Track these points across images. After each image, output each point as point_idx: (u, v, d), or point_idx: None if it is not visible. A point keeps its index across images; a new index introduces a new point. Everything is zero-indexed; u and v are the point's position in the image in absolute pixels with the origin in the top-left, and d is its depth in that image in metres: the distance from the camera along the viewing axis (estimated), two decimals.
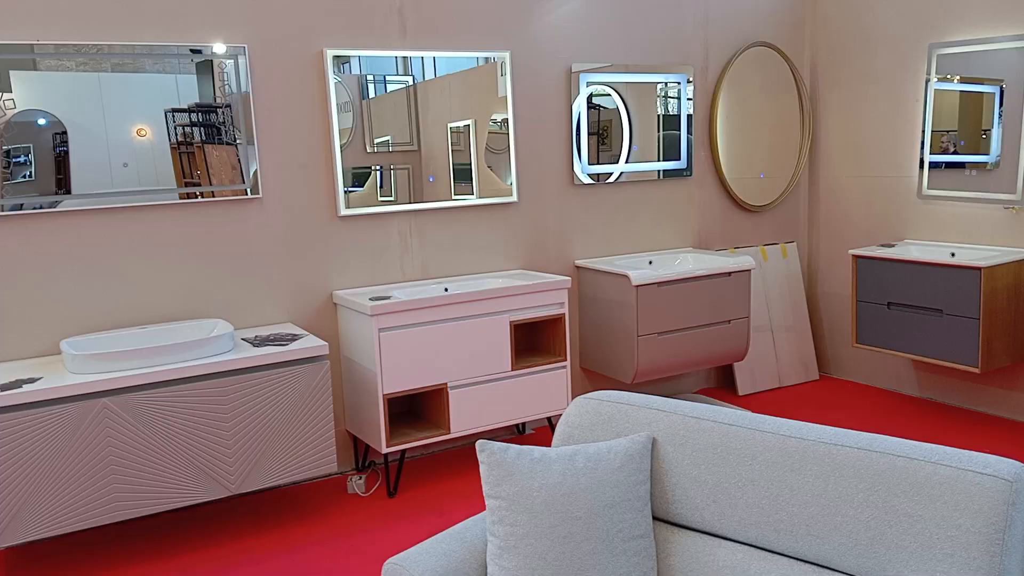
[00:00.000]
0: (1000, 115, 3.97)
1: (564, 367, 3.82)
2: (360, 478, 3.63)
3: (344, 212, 3.65)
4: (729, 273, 4.15)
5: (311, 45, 3.54)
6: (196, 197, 3.35)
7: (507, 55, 3.95)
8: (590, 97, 4.23)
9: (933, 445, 1.58)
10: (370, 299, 3.43)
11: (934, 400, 4.47)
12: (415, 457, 3.96)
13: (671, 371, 4.10)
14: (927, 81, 4.26)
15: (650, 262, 4.36)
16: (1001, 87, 3.96)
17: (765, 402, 4.58)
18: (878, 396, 4.60)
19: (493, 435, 4.16)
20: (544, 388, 3.78)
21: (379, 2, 3.66)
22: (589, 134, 4.24)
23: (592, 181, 4.28)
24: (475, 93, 3.92)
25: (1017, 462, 1.50)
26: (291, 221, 3.58)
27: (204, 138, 3.35)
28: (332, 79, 3.56)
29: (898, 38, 4.41)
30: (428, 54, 3.76)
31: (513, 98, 4.01)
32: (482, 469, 1.74)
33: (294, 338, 3.27)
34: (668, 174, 4.51)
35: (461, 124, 3.91)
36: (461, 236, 3.97)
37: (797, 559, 1.64)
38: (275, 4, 3.45)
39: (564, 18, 4.12)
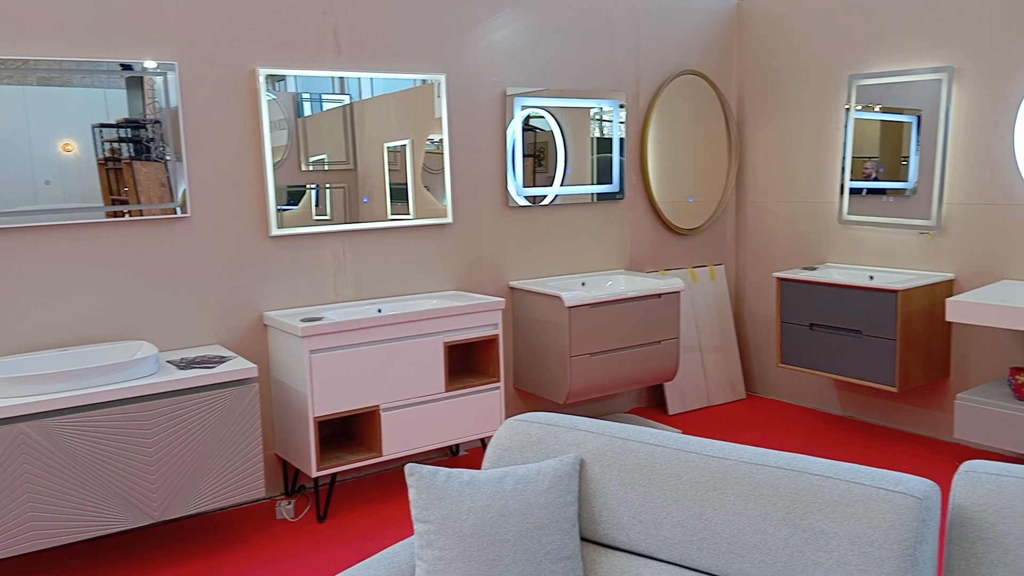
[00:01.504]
0: (918, 144, 4.16)
1: (498, 388, 3.83)
2: (289, 503, 3.57)
3: (276, 232, 3.61)
4: (659, 295, 4.23)
5: (243, 63, 3.51)
6: (124, 215, 3.27)
7: (443, 77, 3.97)
8: (527, 119, 4.29)
9: (848, 464, 1.64)
10: (301, 320, 3.39)
11: (855, 418, 4.62)
12: (346, 480, 3.91)
13: (603, 391, 4.15)
14: (847, 110, 4.44)
15: (583, 284, 4.42)
16: (919, 116, 4.15)
17: (694, 421, 4.66)
18: (802, 415, 4.74)
19: (426, 457, 4.14)
20: (478, 409, 3.78)
21: (313, 21, 3.65)
22: (525, 156, 4.29)
23: (528, 203, 4.33)
24: (412, 113, 3.94)
25: (927, 480, 1.57)
26: (221, 241, 3.52)
27: (133, 154, 3.28)
28: (264, 97, 3.53)
29: (820, 69, 4.59)
30: (363, 75, 3.76)
31: (448, 120, 4.03)
32: (411, 493, 1.73)
33: (222, 360, 3.21)
34: (602, 197, 4.59)
35: (398, 144, 3.92)
36: (396, 257, 3.96)
37: None
38: (207, 22, 3.41)
39: (499, 42, 4.17)
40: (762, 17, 4.88)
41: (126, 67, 3.24)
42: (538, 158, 4.35)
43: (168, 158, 3.34)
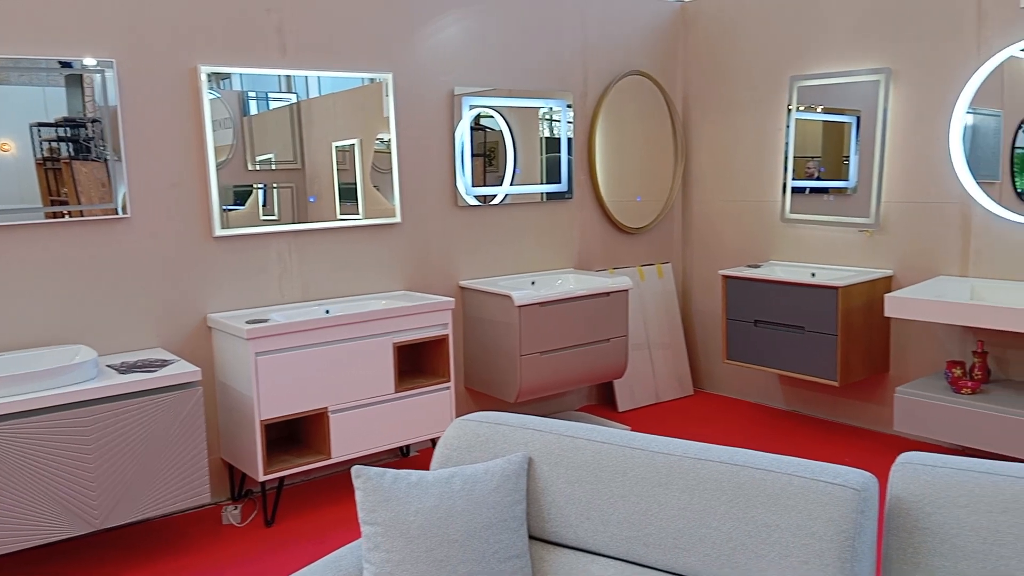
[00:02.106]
0: (857, 144, 4.26)
1: (448, 388, 3.82)
2: (236, 508, 3.51)
3: (219, 232, 3.54)
4: (608, 293, 4.26)
5: (184, 61, 3.44)
6: (63, 216, 3.18)
7: (390, 76, 3.95)
8: (478, 119, 4.29)
9: (789, 457, 1.67)
10: (246, 322, 3.34)
11: (799, 412, 4.72)
12: (295, 484, 3.86)
13: (553, 389, 4.17)
14: (789, 111, 4.53)
15: (533, 283, 4.43)
16: (858, 117, 4.25)
17: (643, 418, 4.71)
18: (748, 409, 4.82)
19: (377, 458, 4.11)
20: (428, 409, 3.77)
21: (257, 19, 3.59)
22: (476, 156, 4.29)
23: (478, 203, 4.33)
24: (361, 112, 3.90)
25: (865, 472, 1.61)
26: (162, 242, 3.44)
27: (72, 154, 3.19)
28: (206, 96, 3.47)
29: (762, 70, 4.68)
30: (308, 73, 3.71)
31: (396, 119, 4.01)
32: (358, 495, 1.72)
33: (164, 364, 3.14)
34: (551, 197, 4.61)
35: (346, 143, 3.88)
36: (344, 257, 3.92)
37: (666, 571, 1.69)
38: (146, 18, 3.34)
39: (446, 42, 4.16)
40: (706, 19, 4.95)
41: (65, 64, 3.15)
42: (489, 157, 4.35)
43: (109, 158, 3.26)
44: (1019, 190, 3.72)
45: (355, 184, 3.92)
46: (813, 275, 4.30)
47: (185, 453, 3.05)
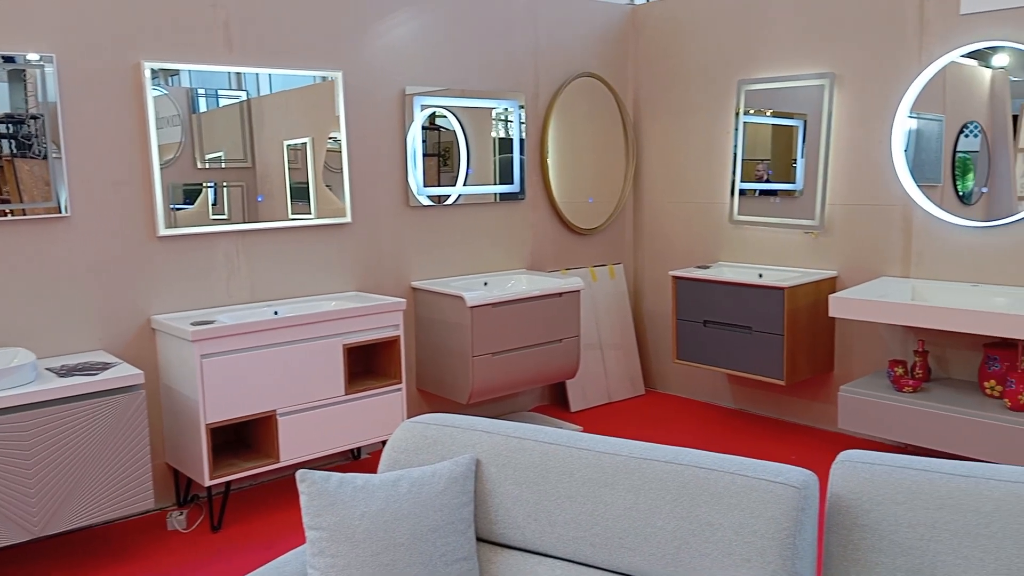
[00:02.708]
0: (803, 147, 4.34)
1: (399, 390, 3.80)
2: (181, 513, 3.44)
3: (164, 232, 3.47)
4: (560, 294, 4.28)
5: (127, 57, 3.36)
6: (5, 215, 3.09)
7: (339, 75, 3.91)
8: (433, 119, 4.27)
9: (732, 456, 1.69)
10: (191, 324, 3.28)
11: (747, 411, 4.79)
12: (243, 488, 3.80)
13: (506, 390, 4.17)
14: (737, 114, 4.59)
15: (485, 283, 4.43)
16: (804, 121, 4.33)
17: (596, 418, 4.74)
18: (698, 408, 4.88)
19: (328, 461, 4.07)
20: (379, 411, 3.74)
21: (203, 15, 3.53)
22: (428, 155, 4.27)
23: (432, 203, 4.31)
24: (313, 110, 3.86)
25: (806, 470, 1.64)
26: (104, 242, 3.36)
27: (14, 151, 3.10)
28: (150, 93, 3.39)
29: (711, 73, 4.74)
30: (254, 70, 3.66)
31: (346, 118, 3.97)
32: (302, 500, 1.70)
33: (105, 367, 3.07)
34: (504, 197, 4.61)
35: (298, 142, 3.83)
36: (293, 257, 3.87)
37: (612, 571, 1.70)
38: (87, 12, 3.26)
39: (398, 41, 4.13)
40: (656, 22, 5.00)
41: (8, 59, 3.06)
42: (443, 157, 4.34)
43: (51, 155, 3.17)
44: (961, 193, 3.83)
45: (307, 183, 3.87)
46: (760, 276, 4.37)
47: (128, 458, 2.99)
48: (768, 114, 4.48)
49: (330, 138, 3.92)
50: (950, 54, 3.76)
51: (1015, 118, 3.64)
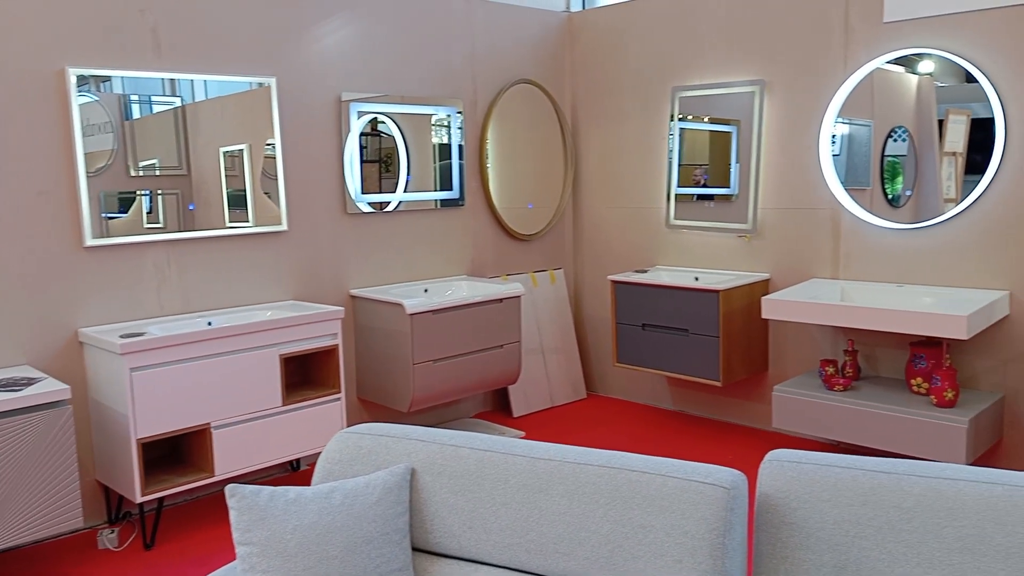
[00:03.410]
0: (737, 152, 4.43)
1: (339, 399, 3.75)
2: (112, 531, 3.35)
3: (91, 242, 3.38)
4: (501, 300, 4.28)
5: (51, 63, 3.26)
6: None
7: (273, 81, 3.86)
8: (375, 124, 4.24)
9: (664, 459, 1.71)
10: (120, 336, 3.19)
11: (685, 412, 4.86)
12: (177, 504, 3.71)
13: (447, 397, 4.15)
14: (672, 120, 4.67)
15: (426, 290, 4.41)
16: (737, 127, 4.42)
17: (538, 422, 4.76)
18: (638, 411, 4.93)
19: (265, 474, 4.00)
20: (318, 421, 3.69)
21: (130, 20, 3.45)
22: (369, 161, 4.24)
23: (372, 210, 4.28)
24: (249, 117, 3.80)
25: (735, 470, 1.67)
26: (28, 253, 3.25)
27: None
28: (76, 99, 3.30)
29: (646, 80, 4.80)
30: (183, 76, 3.58)
31: (281, 125, 3.92)
32: (232, 515, 1.66)
33: (30, 382, 2.96)
34: (444, 204, 4.60)
35: (235, 148, 3.77)
36: (228, 266, 3.80)
37: None
38: (9, 18, 3.15)
39: (333, 47, 4.09)
40: (592, 30, 5.05)
41: None
42: (385, 163, 4.31)
43: None
44: (889, 196, 3.95)
45: (245, 191, 3.81)
46: (696, 279, 4.44)
47: (55, 476, 2.89)
48: (705, 120, 4.56)
49: (268, 144, 3.87)
50: (874, 61, 3.88)
51: (940, 123, 3.76)
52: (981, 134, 3.62)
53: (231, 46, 3.74)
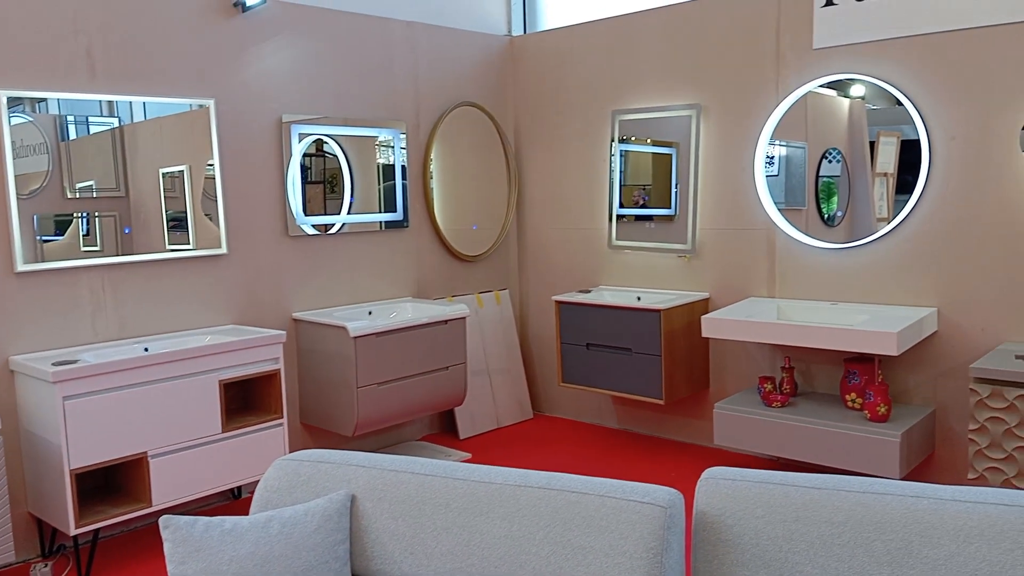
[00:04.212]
0: (676, 174, 4.52)
1: (280, 425, 3.70)
2: (46, 565, 3.24)
3: (22, 267, 3.29)
4: (446, 321, 4.28)
5: None
6: None
7: (212, 102, 3.82)
8: (320, 145, 4.22)
9: (603, 479, 1.73)
10: (53, 364, 3.10)
11: (630, 430, 4.91)
12: (113, 536, 3.61)
13: (392, 420, 4.13)
14: (612, 142, 4.74)
15: (370, 313, 4.39)
16: (676, 149, 4.51)
17: (484, 444, 4.75)
18: (584, 430, 4.96)
19: (205, 503, 3.91)
20: (260, 448, 3.63)
21: (64, 42, 3.38)
22: (314, 183, 4.22)
23: (316, 232, 4.25)
24: (189, 137, 3.75)
25: (673, 489, 1.69)
26: None
27: None
28: (7, 120, 3.22)
29: (586, 104, 4.88)
30: (118, 98, 3.53)
31: (220, 147, 3.88)
32: (166, 547, 1.63)
33: None
34: (389, 225, 4.59)
35: (175, 170, 3.71)
36: (166, 291, 3.73)
37: None
38: None
39: (273, 69, 4.07)
40: (533, 53, 5.12)
41: None
42: (331, 184, 4.29)
43: None
44: (825, 216, 4.06)
45: (185, 213, 3.75)
46: (638, 299, 4.50)
47: None
48: (648, 142, 4.64)
49: (208, 165, 3.82)
50: (805, 86, 4.01)
51: (872, 144, 3.90)
52: (911, 155, 3.76)
53: (167, 68, 3.69)
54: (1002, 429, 3.11)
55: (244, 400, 3.84)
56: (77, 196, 3.43)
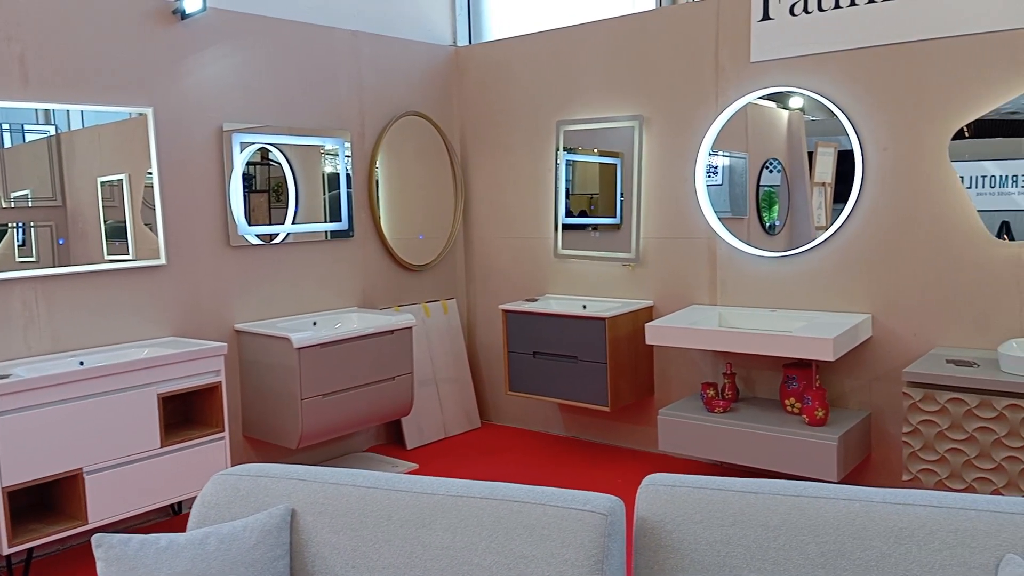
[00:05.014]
0: (621, 183, 4.57)
1: (222, 439, 3.64)
2: None
3: None
4: (392, 331, 4.26)
5: None
6: None
7: (150, 111, 3.75)
8: (265, 155, 4.17)
9: (545, 488, 1.74)
10: None
11: (577, 438, 4.94)
12: (48, 555, 3.50)
13: (338, 432, 4.09)
14: (557, 152, 4.78)
15: (315, 323, 4.34)
16: (621, 159, 4.56)
17: (432, 454, 4.73)
18: (532, 438, 4.97)
19: (144, 519, 3.82)
20: (201, 462, 3.56)
21: None
22: (259, 191, 4.16)
23: (260, 242, 4.19)
24: (128, 146, 3.67)
25: (613, 497, 1.71)
26: None
27: None
28: None
29: (531, 114, 4.91)
30: (53, 106, 3.44)
31: (159, 156, 3.81)
32: (99, 566, 1.59)
33: None
34: (334, 235, 4.55)
35: (114, 178, 3.63)
36: (103, 303, 3.64)
37: None
38: None
39: (213, 77, 4.01)
40: (478, 64, 5.14)
41: None
42: (276, 194, 4.24)
43: None
44: (766, 224, 4.15)
45: (124, 222, 3.67)
46: (584, 307, 4.54)
47: None
48: (595, 152, 4.69)
49: (148, 173, 3.75)
50: (744, 98, 4.10)
51: (811, 155, 4.00)
52: (848, 165, 3.87)
53: (104, 75, 3.62)
54: (935, 432, 3.21)
55: (185, 414, 3.76)
56: (12, 206, 3.33)
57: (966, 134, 3.54)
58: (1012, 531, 1.55)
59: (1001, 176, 3.48)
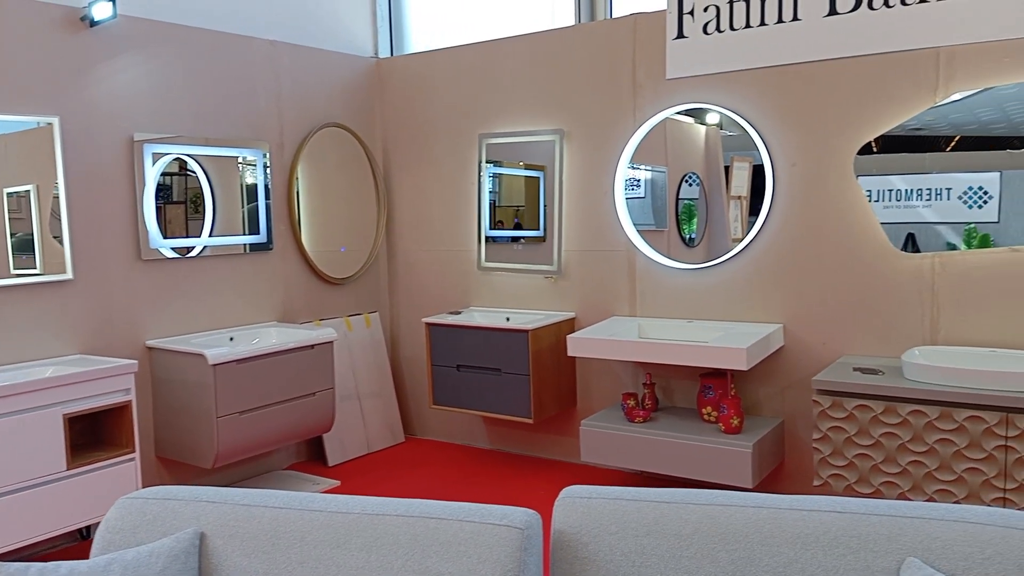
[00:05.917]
0: (544, 196, 4.61)
1: (132, 460, 3.51)
2: None
3: None
4: (312, 346, 4.19)
5: None
6: None
7: (56, 120, 3.61)
8: (183, 166, 4.06)
9: (461, 503, 1.73)
10: None
11: (501, 450, 4.94)
12: None
13: (256, 450, 3.99)
14: (480, 164, 4.80)
15: (231, 339, 4.24)
16: (544, 173, 4.60)
17: (354, 470, 4.66)
18: (456, 452, 4.95)
19: (50, 545, 3.66)
20: (110, 484, 3.43)
21: None
22: (176, 203, 4.04)
23: (176, 255, 4.07)
24: (34, 156, 3.52)
25: (529, 510, 1.71)
26: None
27: None
28: None
29: (454, 127, 4.92)
30: None
31: (65, 166, 3.67)
32: None
33: None
34: (253, 248, 4.46)
35: (21, 189, 3.48)
36: (5, 319, 3.48)
37: None
38: None
39: (124, 86, 3.89)
40: (400, 76, 5.12)
41: None
42: (194, 205, 4.13)
43: None
44: (686, 237, 4.24)
45: (32, 235, 3.52)
46: (507, 320, 4.55)
47: None
48: (520, 165, 4.71)
49: (56, 184, 3.61)
50: (660, 114, 4.19)
51: (727, 169, 4.10)
52: (763, 179, 3.98)
53: (8, 83, 3.47)
54: (843, 438, 3.32)
55: (94, 434, 3.62)
56: None
57: (874, 149, 3.69)
58: (912, 535, 1.61)
59: (906, 190, 3.64)
